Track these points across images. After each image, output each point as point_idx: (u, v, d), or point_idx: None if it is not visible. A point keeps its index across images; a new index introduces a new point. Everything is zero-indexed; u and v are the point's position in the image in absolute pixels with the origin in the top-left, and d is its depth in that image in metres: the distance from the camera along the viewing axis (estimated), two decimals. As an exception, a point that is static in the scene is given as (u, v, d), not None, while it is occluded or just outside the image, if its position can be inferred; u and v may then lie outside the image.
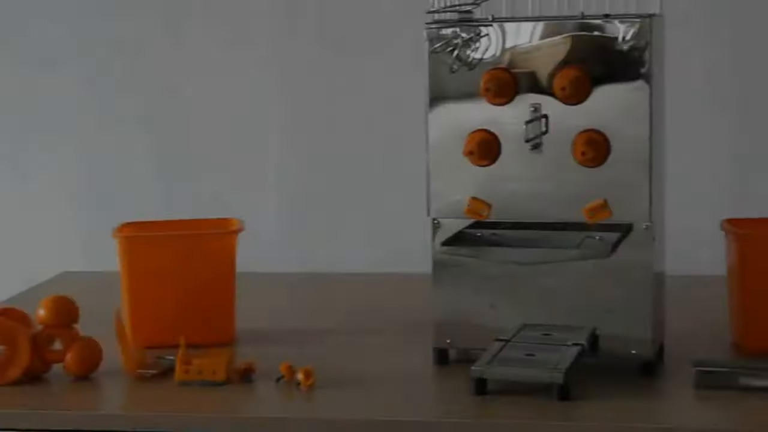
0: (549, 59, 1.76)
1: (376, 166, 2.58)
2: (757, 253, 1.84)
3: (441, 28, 1.79)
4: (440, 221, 1.84)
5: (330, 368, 1.81)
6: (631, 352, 1.76)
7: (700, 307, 2.12)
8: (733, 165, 2.46)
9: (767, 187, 2.43)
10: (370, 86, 2.57)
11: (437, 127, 1.82)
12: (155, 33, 2.64)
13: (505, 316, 1.82)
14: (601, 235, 1.79)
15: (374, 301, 2.30)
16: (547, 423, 1.59)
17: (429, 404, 1.72)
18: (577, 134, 1.75)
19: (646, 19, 1.73)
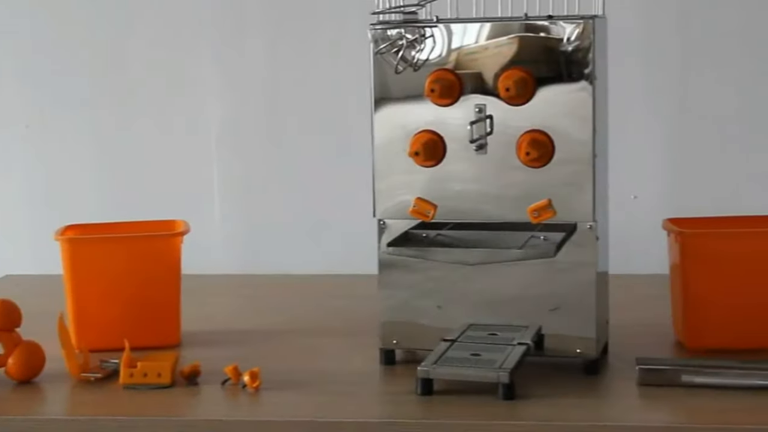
0: (493, 60, 1.77)
1: (321, 166, 2.58)
2: (698, 251, 1.87)
3: (385, 29, 1.80)
4: (386, 222, 1.84)
5: (276, 370, 1.81)
6: (576, 351, 1.78)
7: (644, 305, 2.15)
8: (673, 164, 2.49)
9: (707, 186, 2.46)
10: (315, 87, 2.56)
11: (382, 127, 1.82)
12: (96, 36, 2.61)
13: (452, 316, 1.83)
14: (545, 235, 1.80)
15: (320, 302, 2.30)
16: (492, 422, 1.60)
17: (375, 405, 1.72)
18: (521, 135, 1.76)
19: (589, 21, 1.74)
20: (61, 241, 1.98)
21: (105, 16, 2.60)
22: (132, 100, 2.62)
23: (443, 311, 1.84)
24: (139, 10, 2.60)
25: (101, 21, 2.61)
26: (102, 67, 2.62)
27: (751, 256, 1.85)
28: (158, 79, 2.61)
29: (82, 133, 2.64)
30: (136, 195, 2.61)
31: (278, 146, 2.60)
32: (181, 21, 2.59)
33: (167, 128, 2.62)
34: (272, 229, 2.60)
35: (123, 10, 2.60)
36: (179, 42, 2.59)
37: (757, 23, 2.44)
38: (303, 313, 2.21)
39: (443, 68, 1.79)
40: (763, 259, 1.85)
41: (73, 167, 2.65)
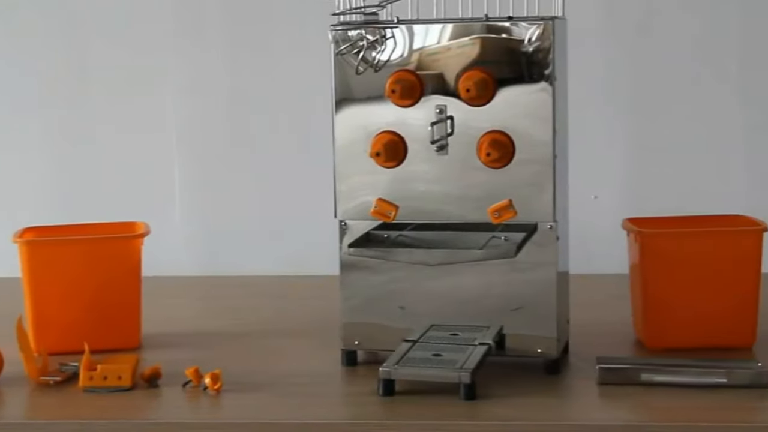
0: (454, 61, 1.78)
1: (282, 167, 2.57)
2: (657, 251, 1.88)
3: (346, 30, 1.80)
4: (347, 223, 1.84)
5: (237, 372, 1.80)
6: (537, 351, 1.79)
7: (604, 305, 2.16)
8: (633, 164, 2.51)
9: (667, 186, 2.48)
10: (276, 88, 2.55)
11: (343, 128, 1.82)
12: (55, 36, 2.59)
13: (414, 316, 1.83)
14: (506, 236, 1.81)
15: (282, 303, 2.29)
16: (454, 422, 1.60)
17: (337, 406, 1.72)
18: (482, 135, 1.77)
19: (549, 22, 1.75)
20: (19, 244, 1.96)
21: (63, 17, 2.58)
22: (92, 101, 2.60)
23: (405, 312, 1.84)
24: (98, 10, 2.58)
25: (59, 21, 2.59)
26: (62, 67, 2.59)
27: (709, 256, 1.87)
28: (119, 80, 2.59)
29: (41, 134, 2.61)
30: (96, 197, 2.59)
31: (239, 147, 2.59)
32: (142, 21, 2.57)
33: (127, 130, 2.60)
34: (233, 231, 2.59)
35: (81, 9, 2.58)
36: (139, 42, 2.58)
37: (714, 25, 2.47)
38: (264, 314, 2.20)
39: (404, 69, 1.79)
40: (721, 258, 1.87)
41: (31, 169, 2.62)
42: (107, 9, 2.58)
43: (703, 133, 2.48)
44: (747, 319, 1.88)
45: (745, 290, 1.87)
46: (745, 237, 1.89)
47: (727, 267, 1.87)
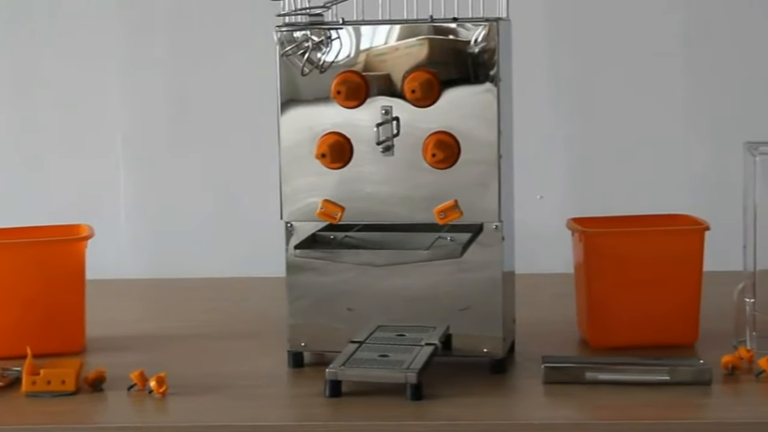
0: (399, 62, 1.78)
1: (228, 169, 2.56)
2: (600, 250, 1.90)
3: (291, 31, 1.79)
4: (293, 224, 1.84)
5: (184, 374, 1.79)
6: (483, 350, 1.80)
7: (549, 305, 2.18)
8: (578, 164, 2.53)
9: (610, 186, 2.51)
10: (221, 89, 2.54)
11: (289, 130, 1.82)
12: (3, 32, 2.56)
13: (362, 317, 1.83)
14: (452, 236, 1.82)
15: (228, 305, 2.28)
16: (400, 423, 1.61)
17: (283, 408, 1.72)
18: (427, 136, 1.78)
19: (494, 23, 1.76)
20: (-40, 247, 1.93)
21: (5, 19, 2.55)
22: (35, 103, 2.57)
23: (353, 313, 1.84)
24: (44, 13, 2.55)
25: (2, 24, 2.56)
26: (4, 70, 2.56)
27: (652, 255, 1.89)
28: (62, 81, 2.57)
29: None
30: (40, 200, 2.56)
31: (184, 149, 2.57)
32: (86, 22, 2.55)
33: (71, 131, 2.58)
34: (179, 233, 2.57)
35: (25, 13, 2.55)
36: (83, 43, 2.55)
37: (657, 27, 2.50)
38: (210, 316, 2.19)
39: (350, 70, 1.79)
40: (664, 257, 1.89)
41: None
42: (51, 10, 2.55)
43: (646, 134, 2.51)
44: (689, 318, 1.90)
45: (687, 289, 1.90)
46: (687, 236, 1.92)
47: (669, 266, 1.89)
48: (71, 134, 2.58)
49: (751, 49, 2.48)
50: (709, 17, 2.49)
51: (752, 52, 2.48)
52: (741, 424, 1.58)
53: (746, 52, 2.48)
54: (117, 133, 2.58)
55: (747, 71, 2.49)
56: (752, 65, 2.48)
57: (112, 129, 2.58)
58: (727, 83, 2.49)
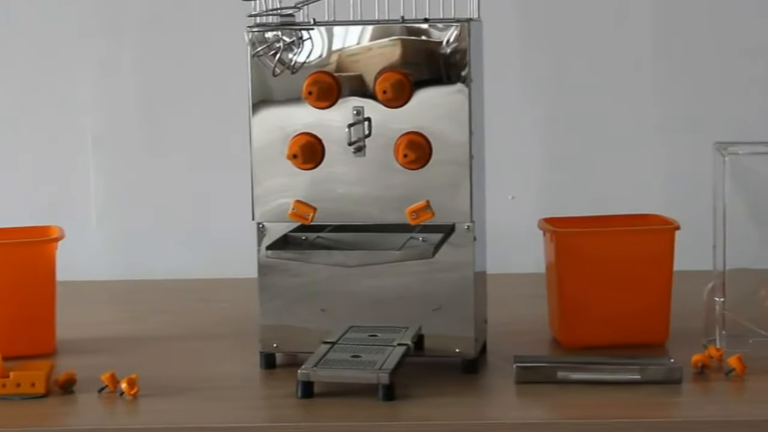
0: (371, 63, 1.78)
1: (200, 169, 2.55)
2: (572, 250, 1.91)
3: (263, 31, 1.79)
4: (265, 225, 1.84)
5: (155, 376, 1.78)
6: (455, 351, 1.80)
7: (521, 304, 2.18)
8: (550, 165, 2.54)
9: (582, 186, 2.52)
10: (192, 89, 2.53)
11: (261, 130, 1.82)
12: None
13: (334, 318, 1.83)
14: (424, 236, 1.82)
15: (200, 306, 2.28)
16: (373, 424, 1.61)
17: (255, 409, 1.71)
18: (399, 137, 1.78)
19: (465, 24, 1.76)
20: (-72, 249, 1.92)
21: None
22: (4, 104, 2.55)
23: (326, 314, 1.83)
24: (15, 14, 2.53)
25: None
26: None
27: (623, 255, 1.90)
28: (32, 82, 2.55)
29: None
30: (10, 201, 2.54)
31: (156, 149, 2.56)
32: (55, 21, 2.54)
33: (42, 132, 2.56)
34: (151, 234, 2.56)
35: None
36: (52, 43, 2.54)
37: (628, 26, 2.51)
38: (182, 318, 2.18)
39: (321, 71, 1.79)
40: (634, 257, 1.90)
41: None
42: (22, 11, 2.53)
43: (617, 135, 2.53)
44: (660, 317, 1.92)
45: (658, 288, 1.91)
46: (657, 236, 1.93)
47: (640, 265, 1.90)
48: (42, 136, 2.56)
49: (721, 50, 2.50)
50: (679, 17, 2.50)
51: (722, 53, 2.50)
52: (711, 423, 1.59)
53: (716, 52, 2.50)
54: (88, 134, 2.57)
55: (716, 72, 2.50)
56: (722, 66, 2.50)
57: (83, 130, 2.56)
58: (697, 84, 2.51)
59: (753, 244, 1.94)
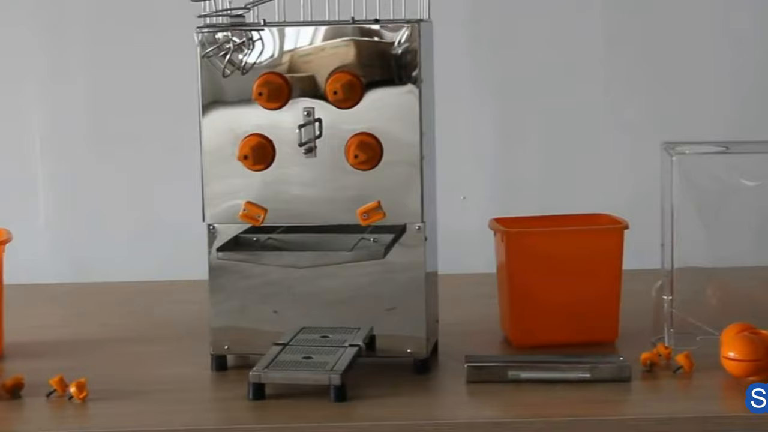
0: (322, 64, 1.78)
1: (151, 171, 2.53)
2: (522, 250, 1.92)
3: (213, 32, 1.78)
4: (216, 227, 1.83)
5: (104, 380, 1.77)
6: (407, 351, 1.80)
7: (472, 304, 2.19)
8: (500, 165, 2.55)
9: (532, 186, 2.53)
10: (143, 90, 2.51)
11: (211, 132, 1.81)
12: None
13: (287, 320, 1.83)
14: (375, 237, 1.82)
15: (151, 309, 2.26)
16: (324, 425, 1.60)
17: (206, 411, 1.70)
18: (350, 138, 1.78)
19: (415, 24, 1.77)
20: None
21: None
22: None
23: (279, 316, 1.83)
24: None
25: None
26: None
27: (573, 254, 1.91)
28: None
29: None
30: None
31: (105, 151, 2.54)
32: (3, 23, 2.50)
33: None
34: (100, 236, 2.54)
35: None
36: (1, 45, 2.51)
37: (579, 28, 2.53)
38: (132, 321, 2.17)
39: (272, 72, 1.78)
40: (584, 256, 1.92)
41: None
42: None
43: (567, 134, 2.54)
44: (609, 316, 1.93)
45: (607, 287, 1.93)
46: (606, 235, 1.95)
47: (590, 265, 1.92)
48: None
49: (669, 50, 2.53)
50: (629, 18, 2.53)
51: (670, 53, 2.53)
52: (659, 420, 1.61)
53: (664, 53, 2.53)
54: (36, 136, 2.54)
55: (664, 72, 2.53)
56: (669, 66, 2.53)
57: (30, 132, 2.53)
58: (646, 84, 2.53)
59: (700, 243, 1.96)
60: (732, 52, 2.52)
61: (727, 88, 2.52)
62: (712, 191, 1.96)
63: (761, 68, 2.52)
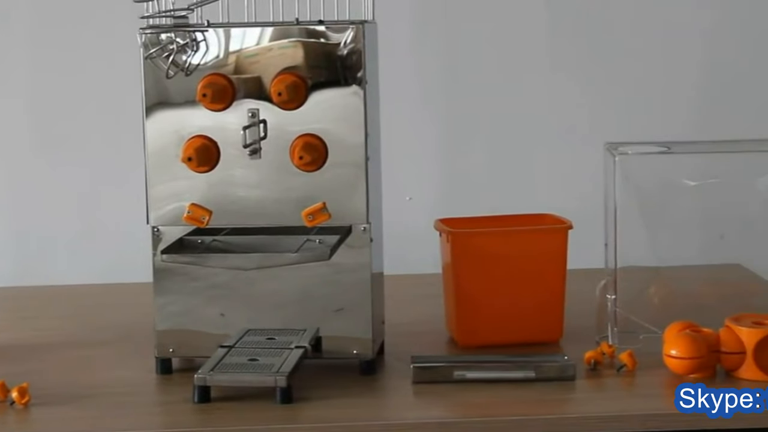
0: (266, 65, 1.78)
1: (94, 173, 2.51)
2: (467, 250, 1.93)
3: (156, 33, 1.77)
4: (160, 229, 1.82)
5: (47, 385, 1.75)
6: (353, 352, 1.80)
7: (419, 305, 2.19)
8: (446, 165, 2.56)
9: (478, 187, 2.54)
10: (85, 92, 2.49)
11: (155, 133, 1.80)
12: None
13: (233, 322, 1.82)
14: (321, 238, 1.82)
15: (94, 312, 2.23)
16: (270, 427, 1.60)
17: (150, 415, 1.69)
18: (294, 139, 1.78)
19: (359, 26, 1.77)
20: None
21: None
22: None
23: (224, 318, 1.82)
24: None
25: None
26: None
27: (517, 254, 1.93)
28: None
29: None
30: None
31: (49, 153, 2.51)
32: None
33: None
34: (43, 239, 2.51)
35: None
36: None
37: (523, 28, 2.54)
38: (75, 324, 2.14)
39: (216, 73, 1.78)
40: (529, 256, 1.93)
41: None
42: None
43: (512, 135, 2.56)
44: (554, 315, 1.95)
45: (552, 287, 1.94)
46: (551, 235, 1.96)
47: (534, 265, 1.93)
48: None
49: (612, 52, 2.55)
50: (571, 19, 2.55)
51: (612, 55, 2.55)
52: (603, 418, 1.63)
53: (607, 53, 2.55)
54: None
55: (607, 73, 2.55)
56: (612, 68, 2.55)
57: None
58: (589, 85, 2.55)
59: (643, 243, 1.98)
60: (674, 53, 2.55)
61: (668, 89, 2.55)
62: (654, 191, 1.98)
63: (702, 69, 2.56)
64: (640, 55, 2.55)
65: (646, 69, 2.55)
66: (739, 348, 1.74)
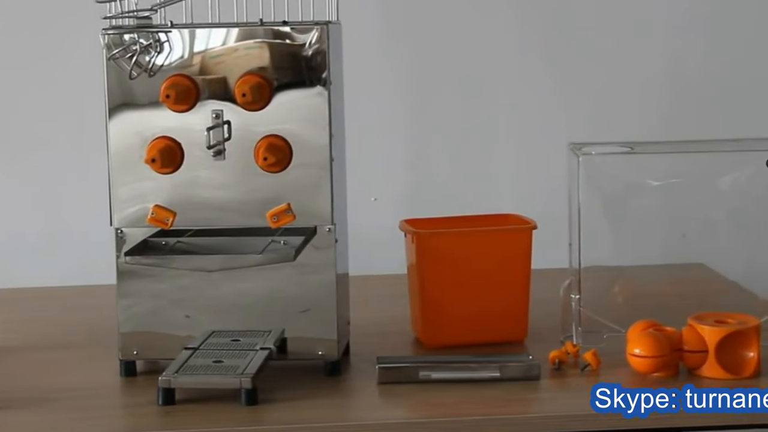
0: (231, 66, 1.77)
1: (56, 174, 2.49)
2: (431, 251, 1.93)
3: (118, 34, 1.76)
4: (124, 231, 1.81)
5: (10, 388, 1.74)
6: (318, 353, 1.80)
7: (384, 306, 2.19)
8: (412, 166, 2.57)
9: (443, 187, 2.55)
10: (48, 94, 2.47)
11: (118, 134, 1.79)
12: None
13: (198, 324, 1.82)
14: (286, 239, 1.82)
15: (57, 315, 2.21)
16: (235, 428, 1.60)
17: (114, 418, 1.68)
18: (259, 140, 1.77)
19: (324, 27, 1.77)
20: None
21: None
22: None
23: (189, 320, 1.81)
24: None
25: None
26: None
27: (482, 254, 1.93)
28: None
29: None
30: None
31: (10, 153, 2.49)
32: None
33: None
34: (5, 241, 2.49)
35: None
36: None
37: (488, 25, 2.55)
38: (38, 327, 2.12)
39: (179, 74, 1.77)
40: (493, 256, 1.94)
41: None
42: None
43: (477, 135, 2.57)
44: (518, 315, 1.95)
45: (516, 287, 1.95)
46: (515, 235, 1.97)
47: (499, 265, 1.94)
48: None
49: (575, 52, 2.56)
50: (534, 20, 2.56)
51: (576, 55, 2.56)
52: (567, 417, 1.64)
53: (571, 54, 2.56)
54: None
55: (571, 74, 2.57)
56: (576, 68, 2.57)
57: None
58: (553, 86, 2.56)
59: (607, 243, 2.00)
60: (638, 54, 2.57)
61: (632, 89, 2.57)
62: (617, 191, 1.99)
63: (666, 70, 2.58)
64: (605, 57, 2.57)
65: (610, 70, 2.57)
66: (701, 346, 1.76)
